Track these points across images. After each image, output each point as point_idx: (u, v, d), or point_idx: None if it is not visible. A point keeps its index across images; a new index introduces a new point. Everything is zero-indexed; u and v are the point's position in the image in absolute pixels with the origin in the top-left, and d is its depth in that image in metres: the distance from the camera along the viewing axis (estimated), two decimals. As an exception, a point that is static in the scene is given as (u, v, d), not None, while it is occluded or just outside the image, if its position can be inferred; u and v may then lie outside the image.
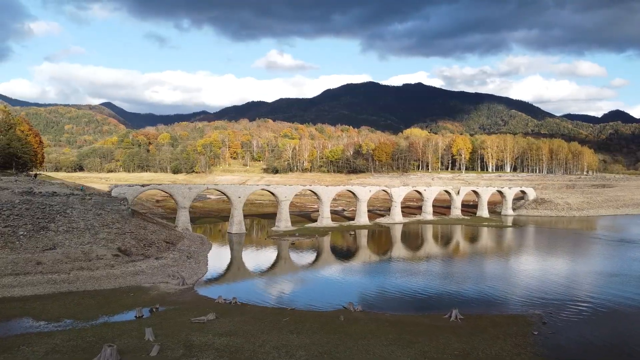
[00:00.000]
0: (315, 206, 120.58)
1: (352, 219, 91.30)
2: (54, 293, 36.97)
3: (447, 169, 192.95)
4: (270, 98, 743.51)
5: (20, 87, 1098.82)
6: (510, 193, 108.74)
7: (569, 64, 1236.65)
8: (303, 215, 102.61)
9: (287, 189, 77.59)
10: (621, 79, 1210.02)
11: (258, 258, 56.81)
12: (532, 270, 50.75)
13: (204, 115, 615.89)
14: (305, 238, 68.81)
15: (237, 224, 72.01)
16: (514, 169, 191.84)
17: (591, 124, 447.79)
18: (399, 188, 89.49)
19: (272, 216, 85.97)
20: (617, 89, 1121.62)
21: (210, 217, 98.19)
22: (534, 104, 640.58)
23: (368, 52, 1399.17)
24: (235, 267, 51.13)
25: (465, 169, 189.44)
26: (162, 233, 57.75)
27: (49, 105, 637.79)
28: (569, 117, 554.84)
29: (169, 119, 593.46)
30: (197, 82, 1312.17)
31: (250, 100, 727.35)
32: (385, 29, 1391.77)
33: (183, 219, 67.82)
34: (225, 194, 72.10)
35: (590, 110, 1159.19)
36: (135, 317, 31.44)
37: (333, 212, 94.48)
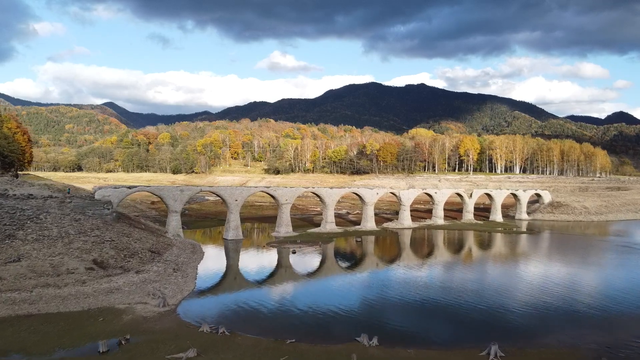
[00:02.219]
0: (318, 209, 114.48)
1: (358, 223, 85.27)
2: (10, 316, 31.07)
3: (454, 170, 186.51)
4: (272, 99, 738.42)
5: (24, 87, 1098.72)
6: (525, 196, 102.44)
7: (571, 65, 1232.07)
8: (305, 219, 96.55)
9: (288, 191, 71.56)
10: (624, 80, 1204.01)
11: (254, 270, 50.76)
12: (567, 286, 44.33)
13: (206, 116, 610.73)
14: (307, 245, 62.75)
15: (233, 229, 66.00)
16: (523, 171, 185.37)
17: (595, 126, 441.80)
18: (408, 191, 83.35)
19: (272, 219, 79.97)
20: (619, 91, 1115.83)
21: (207, 220, 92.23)
22: (537, 105, 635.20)
23: (370, 54, 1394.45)
24: (227, 281, 44.98)
25: (473, 170, 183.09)
26: (149, 241, 51.80)
27: (52, 105, 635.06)
28: (572, 118, 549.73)
29: (170, 119, 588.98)
30: (200, 82, 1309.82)
31: (252, 100, 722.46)
32: (388, 30, 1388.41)
33: (174, 224, 61.86)
34: (220, 197, 66.13)
35: (592, 111, 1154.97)
36: (99, 352, 25.52)
37: (337, 216, 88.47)
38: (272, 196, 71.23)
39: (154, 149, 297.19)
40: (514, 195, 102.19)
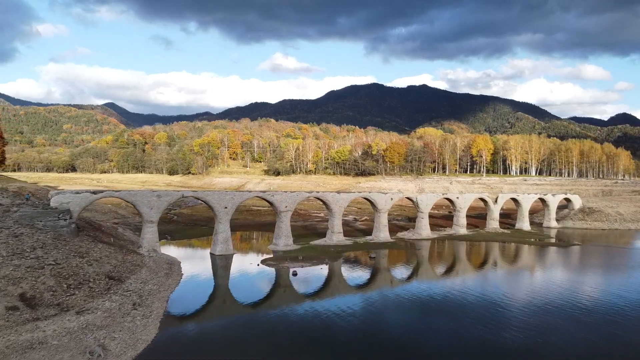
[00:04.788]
0: (322, 214, 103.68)
1: (368, 232, 74.46)
2: None
3: (465, 171, 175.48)
4: (274, 99, 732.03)
5: (26, 88, 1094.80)
6: (554, 201, 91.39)
7: (573, 67, 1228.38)
8: (308, 227, 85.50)
9: (288, 196, 60.64)
10: (625, 82, 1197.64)
11: (243, 300, 39.78)
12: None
13: (206, 116, 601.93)
14: (311, 264, 51.73)
15: (222, 242, 55.13)
16: (539, 172, 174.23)
17: (599, 127, 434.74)
18: (427, 195, 72.37)
19: (272, 226, 68.53)
20: (621, 92, 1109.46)
21: (198, 228, 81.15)
22: (540, 107, 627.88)
23: (372, 55, 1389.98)
24: (204, 322, 33.81)
25: (486, 172, 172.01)
26: (111, 261, 40.92)
27: (52, 105, 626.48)
28: (575, 119, 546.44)
29: (171, 120, 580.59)
30: (202, 83, 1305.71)
31: (253, 101, 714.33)
32: (390, 32, 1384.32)
33: (149, 236, 50.97)
34: (207, 204, 55.23)
35: (594, 113, 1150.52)
36: None
37: (343, 223, 77.23)
38: (270, 202, 60.32)
39: (151, 149, 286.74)
40: (542, 200, 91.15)
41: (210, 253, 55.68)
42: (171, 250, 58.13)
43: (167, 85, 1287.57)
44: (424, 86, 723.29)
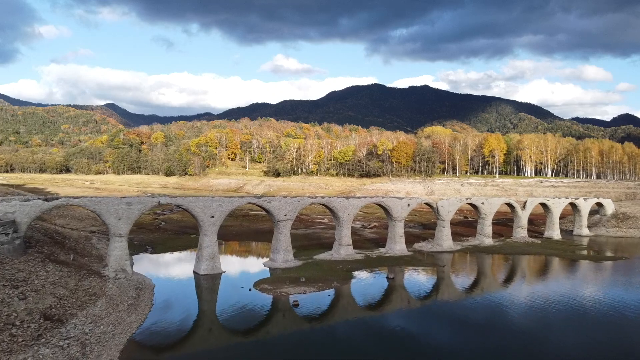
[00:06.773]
0: (326, 220, 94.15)
1: (379, 242, 65.10)
2: None
3: (476, 173, 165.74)
4: (275, 100, 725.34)
5: (27, 88, 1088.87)
6: (586, 206, 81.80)
7: (574, 68, 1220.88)
8: (310, 236, 75.76)
9: (288, 202, 51.11)
10: (627, 83, 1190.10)
11: (229, 332, 30.26)
12: None
13: (207, 117, 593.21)
14: (315, 288, 42.03)
15: (207, 259, 45.61)
16: (555, 174, 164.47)
17: (602, 128, 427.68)
18: (448, 201, 62.74)
19: (270, 235, 58.12)
20: (622, 94, 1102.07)
21: (185, 237, 71.24)
22: (542, 107, 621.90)
23: (373, 56, 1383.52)
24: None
25: (499, 173, 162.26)
26: (57, 291, 31.41)
27: (53, 105, 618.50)
28: (577, 120, 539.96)
29: (171, 120, 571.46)
30: (203, 84, 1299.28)
31: (254, 102, 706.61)
32: (391, 33, 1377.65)
33: (117, 253, 41.47)
34: (189, 212, 45.71)
35: (596, 114, 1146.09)
36: None
37: (351, 231, 67.68)
38: (266, 210, 50.80)
39: (147, 149, 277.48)
40: (573, 205, 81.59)
41: (194, 272, 46.18)
42: (149, 267, 48.81)
43: (169, 86, 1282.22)
44: (426, 87, 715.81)
